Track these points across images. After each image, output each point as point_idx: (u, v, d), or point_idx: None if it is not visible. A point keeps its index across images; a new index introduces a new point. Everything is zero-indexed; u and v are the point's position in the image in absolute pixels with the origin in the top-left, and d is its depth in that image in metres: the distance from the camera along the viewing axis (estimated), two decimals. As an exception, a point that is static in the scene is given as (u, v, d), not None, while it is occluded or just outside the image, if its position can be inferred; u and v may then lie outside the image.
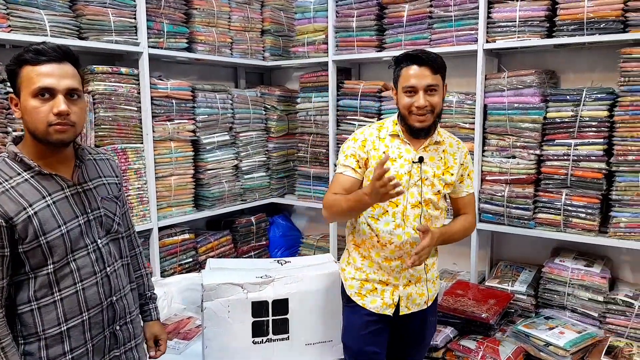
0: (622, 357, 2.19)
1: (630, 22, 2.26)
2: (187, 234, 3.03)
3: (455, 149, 1.86)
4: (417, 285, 1.87)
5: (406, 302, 1.86)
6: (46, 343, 1.31)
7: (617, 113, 2.30)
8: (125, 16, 2.63)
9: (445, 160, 1.83)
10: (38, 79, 1.25)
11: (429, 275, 1.90)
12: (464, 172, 1.88)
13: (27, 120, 1.28)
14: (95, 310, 1.37)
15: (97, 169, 1.46)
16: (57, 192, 1.32)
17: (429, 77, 1.71)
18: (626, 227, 2.33)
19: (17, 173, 1.28)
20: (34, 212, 1.26)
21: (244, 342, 1.98)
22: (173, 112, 2.88)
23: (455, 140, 1.90)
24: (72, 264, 1.32)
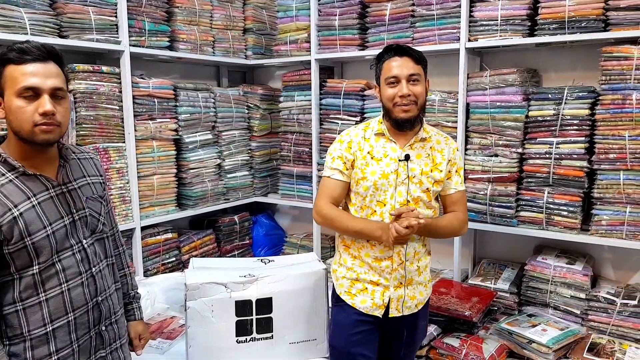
0: (605, 354, 2.22)
1: (611, 21, 2.29)
2: (170, 233, 3.00)
3: (444, 145, 1.84)
4: (409, 288, 1.84)
5: (396, 304, 1.83)
6: (32, 344, 1.30)
7: (599, 111, 2.33)
8: (106, 14, 2.60)
9: (433, 157, 1.81)
10: (23, 78, 1.23)
11: (420, 278, 1.86)
12: (452, 169, 1.84)
13: (12, 120, 1.26)
14: (81, 311, 1.36)
15: (81, 168, 1.45)
16: (42, 192, 1.30)
17: (411, 67, 1.72)
18: (608, 225, 2.35)
19: (1, 174, 1.27)
20: (19, 213, 1.25)
21: (228, 341, 1.96)
22: (155, 111, 2.85)
23: (443, 137, 1.87)
24: (58, 264, 1.31)
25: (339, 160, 1.83)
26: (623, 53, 2.25)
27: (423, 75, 1.76)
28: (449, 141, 1.87)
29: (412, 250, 1.81)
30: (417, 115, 1.76)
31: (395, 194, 1.77)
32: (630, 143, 2.26)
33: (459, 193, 1.87)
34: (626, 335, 2.35)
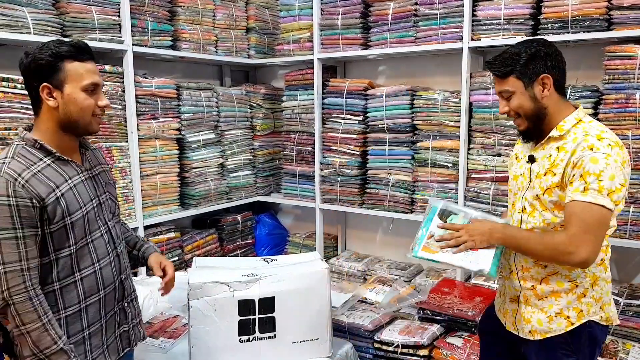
0: (608, 354, 2.21)
1: (615, 20, 2.28)
2: (172, 232, 3.00)
3: (576, 145, 1.46)
4: (527, 308, 1.61)
5: (511, 318, 1.67)
6: (67, 320, 1.40)
7: (602, 111, 2.32)
8: (108, 14, 2.60)
9: (555, 158, 1.51)
10: (88, 75, 1.39)
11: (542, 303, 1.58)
12: (575, 172, 1.44)
13: (72, 111, 1.39)
14: (109, 288, 1.49)
15: (97, 157, 1.59)
16: (75, 176, 1.43)
17: (498, 84, 1.59)
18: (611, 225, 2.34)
19: (39, 158, 1.37)
20: (61, 193, 1.36)
21: (231, 340, 1.96)
22: (158, 111, 2.85)
23: (583, 133, 1.49)
24: (90, 245, 1.44)
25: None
26: (626, 52, 2.24)
27: (519, 85, 1.54)
28: (585, 137, 1.47)
29: (520, 262, 1.61)
30: (530, 126, 1.57)
31: (521, 197, 1.62)
32: (633, 142, 2.25)
33: (575, 205, 1.43)
34: (629, 335, 2.34)
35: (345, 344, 2.36)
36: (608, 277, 1.60)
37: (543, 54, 1.54)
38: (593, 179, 1.41)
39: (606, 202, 1.40)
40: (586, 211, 1.41)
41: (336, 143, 3.13)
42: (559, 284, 1.56)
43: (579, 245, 1.41)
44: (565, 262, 1.47)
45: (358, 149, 3.05)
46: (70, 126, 1.40)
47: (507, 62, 1.55)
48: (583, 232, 1.41)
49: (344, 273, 3.20)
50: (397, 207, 2.95)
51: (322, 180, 3.22)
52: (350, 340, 2.46)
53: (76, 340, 1.42)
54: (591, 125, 1.52)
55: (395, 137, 2.92)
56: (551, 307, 1.57)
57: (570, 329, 1.55)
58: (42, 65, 1.36)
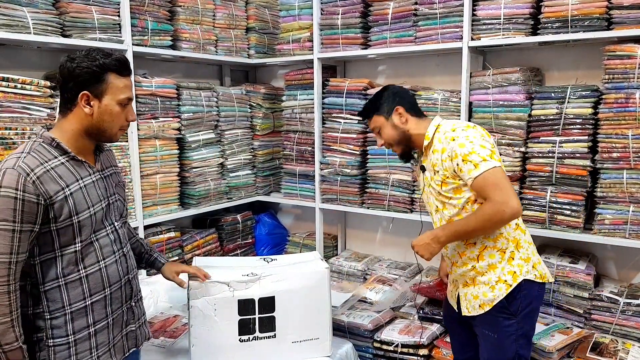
0: (608, 354, 2.21)
1: (614, 20, 2.28)
2: (172, 232, 3.00)
3: (443, 143, 1.78)
4: (474, 287, 1.84)
5: (465, 302, 1.88)
6: (72, 317, 1.43)
7: (602, 110, 2.32)
8: (108, 14, 2.60)
9: (433, 159, 1.83)
10: (126, 90, 1.47)
11: (484, 278, 1.80)
12: (457, 161, 1.72)
13: (105, 121, 1.46)
14: (115, 287, 1.53)
15: (109, 159, 1.64)
16: (87, 176, 1.47)
17: (370, 125, 1.98)
18: (610, 224, 2.35)
19: (54, 156, 1.41)
20: (70, 192, 1.40)
21: (231, 340, 1.97)
22: (158, 110, 2.85)
23: (442, 133, 1.81)
24: (96, 243, 1.47)
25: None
26: (626, 52, 2.24)
27: (381, 121, 1.92)
28: (444, 136, 1.79)
29: (454, 250, 1.88)
30: (403, 150, 1.94)
31: (432, 202, 1.91)
32: (633, 142, 2.25)
33: (477, 180, 1.68)
34: (629, 334, 2.34)
35: (345, 343, 2.36)
36: (528, 239, 1.86)
37: (390, 93, 1.94)
38: (473, 156, 1.68)
39: (494, 163, 1.68)
40: (488, 178, 1.67)
41: (336, 143, 3.13)
42: (491, 256, 1.79)
43: (503, 201, 1.64)
44: (504, 220, 1.68)
45: (358, 149, 3.06)
46: (96, 133, 1.47)
47: (368, 107, 1.97)
48: (498, 191, 1.65)
49: (344, 273, 3.20)
50: (397, 206, 2.95)
51: (322, 179, 3.22)
52: (350, 339, 2.46)
53: (82, 336, 1.45)
54: (446, 124, 1.84)
55: (395, 137, 2.92)
56: (490, 279, 1.79)
57: (509, 293, 1.76)
58: (86, 74, 1.42)
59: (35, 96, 2.29)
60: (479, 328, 1.87)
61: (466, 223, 1.73)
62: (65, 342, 1.42)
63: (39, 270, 1.41)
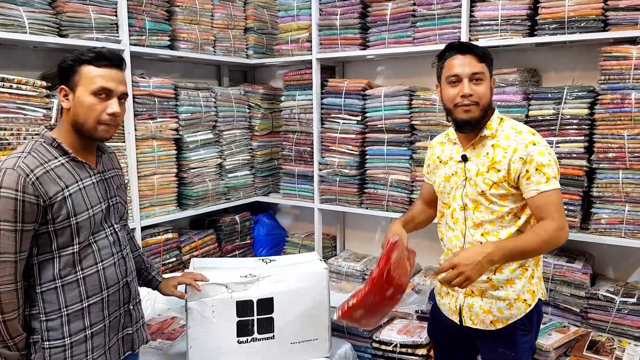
0: (604, 352, 2.23)
1: (611, 21, 2.29)
2: (170, 233, 3.00)
3: (512, 142, 1.61)
4: (483, 300, 1.68)
5: (469, 313, 1.72)
6: (68, 319, 1.42)
7: (598, 111, 2.33)
8: (106, 13, 2.59)
9: (493, 155, 1.63)
10: (99, 79, 1.41)
11: (499, 293, 1.66)
12: (529, 167, 1.57)
13: (79, 114, 1.42)
14: (113, 289, 1.51)
15: (111, 160, 1.63)
16: (87, 178, 1.47)
17: (474, 65, 1.61)
18: (607, 224, 2.36)
19: (54, 157, 1.41)
20: (69, 193, 1.40)
21: (229, 341, 1.96)
22: (155, 111, 2.84)
23: (515, 132, 1.64)
24: (94, 244, 1.47)
25: (425, 167, 1.93)
26: (622, 53, 2.25)
27: (487, 74, 1.64)
28: (521, 135, 1.62)
29: None
30: (480, 116, 1.63)
31: (457, 197, 1.71)
32: (629, 142, 2.26)
33: (544, 195, 1.55)
34: (625, 332, 2.36)
35: (344, 344, 2.37)
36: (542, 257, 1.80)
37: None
38: (548, 169, 1.57)
39: (559, 185, 1.60)
40: (555, 197, 1.57)
41: (335, 143, 3.14)
42: (511, 271, 1.66)
43: (564, 226, 1.57)
44: (558, 244, 1.60)
45: (356, 149, 3.06)
46: (78, 129, 1.43)
47: (484, 49, 1.67)
48: (561, 214, 1.58)
49: (343, 273, 3.21)
50: (395, 207, 2.96)
51: (321, 180, 3.23)
52: (349, 340, 2.47)
53: (78, 339, 1.44)
54: (512, 122, 1.69)
55: (394, 137, 2.93)
56: (508, 295, 1.66)
57: (528, 311, 1.67)
58: (63, 68, 1.43)
59: (31, 96, 2.28)
60: (491, 345, 1.73)
61: (526, 242, 1.54)
62: (61, 344, 1.42)
63: (36, 271, 1.41)
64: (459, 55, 1.63)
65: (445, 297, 1.81)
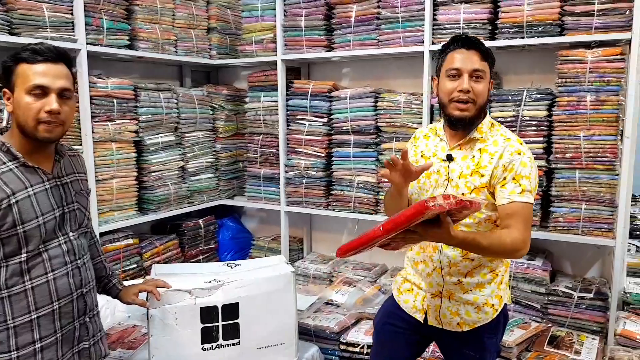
0: (564, 346, 2.29)
1: (567, 26, 2.37)
2: (130, 239, 2.90)
3: (500, 148, 1.58)
4: (451, 302, 1.66)
5: (434, 313, 1.70)
6: (15, 331, 1.35)
7: (555, 113, 2.40)
8: (61, 11, 2.50)
9: (479, 159, 1.59)
10: (34, 77, 1.34)
11: (467, 296, 1.64)
12: (507, 175, 1.54)
13: (19, 115, 1.35)
14: (65, 300, 1.43)
15: (72, 164, 1.54)
16: (38, 184, 1.39)
17: (476, 62, 1.56)
18: (565, 222, 2.43)
19: (2, 162, 1.35)
20: (16, 200, 1.33)
21: (193, 349, 1.92)
22: (114, 112, 2.76)
23: (504, 138, 1.61)
24: (44, 253, 1.39)
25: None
26: (578, 56, 2.33)
27: (488, 73, 1.60)
28: (509, 142, 1.59)
29: (447, 258, 1.63)
30: (474, 116, 1.59)
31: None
32: (584, 143, 2.34)
33: (515, 205, 1.52)
34: (583, 327, 2.44)
35: (311, 347, 2.36)
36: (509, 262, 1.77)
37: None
38: (525, 182, 1.53)
39: (533, 200, 1.55)
40: (525, 210, 1.53)
41: (301, 145, 3.12)
42: (482, 275, 1.65)
43: (525, 241, 1.52)
44: (514, 257, 1.59)
45: (323, 151, 3.05)
46: (23, 131, 1.36)
47: (489, 49, 1.61)
48: (526, 229, 1.54)
49: (310, 275, 3.19)
50: (362, 208, 2.96)
51: (287, 182, 3.20)
52: (316, 343, 2.45)
53: (26, 353, 1.37)
54: (502, 129, 1.65)
55: (360, 139, 2.93)
56: (477, 299, 1.65)
57: (496, 316, 1.67)
58: (4, 69, 1.38)
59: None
60: (455, 346, 1.73)
61: (485, 239, 1.49)
62: (6, 358, 1.34)
63: None
64: (463, 49, 1.58)
65: (406, 293, 1.79)
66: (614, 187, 2.33)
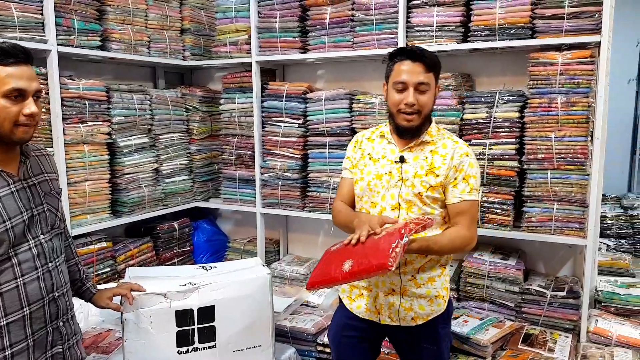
0: (538, 344, 2.33)
1: (538, 29, 2.42)
2: (104, 242, 2.85)
3: (449, 150, 1.71)
4: (404, 298, 1.74)
5: (388, 311, 1.76)
6: None
7: (527, 114, 2.44)
8: (30, 11, 2.44)
9: (432, 160, 1.71)
10: (10, 80, 1.29)
11: (420, 291, 1.74)
12: (458, 175, 1.69)
13: None
14: (36, 305, 1.39)
15: (40, 165, 1.50)
16: (3, 187, 1.35)
17: (421, 74, 1.65)
18: (537, 222, 2.48)
19: None
20: None
21: (169, 352, 1.89)
22: (86, 114, 2.71)
23: (452, 141, 1.75)
24: (14, 258, 1.35)
25: (347, 161, 1.89)
26: (548, 59, 2.38)
27: (433, 84, 1.70)
28: (458, 145, 1.73)
29: (404, 258, 1.70)
30: (420, 124, 1.70)
31: (387, 196, 1.72)
32: (556, 144, 2.39)
33: (465, 203, 1.68)
34: (556, 325, 2.49)
35: (288, 348, 2.35)
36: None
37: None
38: (473, 181, 1.70)
39: (479, 197, 1.73)
40: (474, 208, 1.71)
41: (276, 146, 3.11)
42: (433, 270, 1.77)
43: (474, 236, 1.71)
44: (465, 251, 1.74)
45: (298, 152, 3.05)
46: None
47: (434, 58, 1.69)
48: (474, 225, 1.71)
49: (287, 277, 3.18)
50: (337, 209, 2.97)
51: (263, 184, 3.19)
52: (293, 344, 2.45)
53: None
54: (448, 133, 1.80)
55: (335, 140, 2.94)
56: (430, 292, 1.75)
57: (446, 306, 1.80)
58: None
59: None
60: (409, 341, 1.80)
61: (440, 241, 1.65)
62: None
63: None
64: (409, 61, 1.66)
65: (358, 299, 1.83)
66: (584, 187, 2.38)
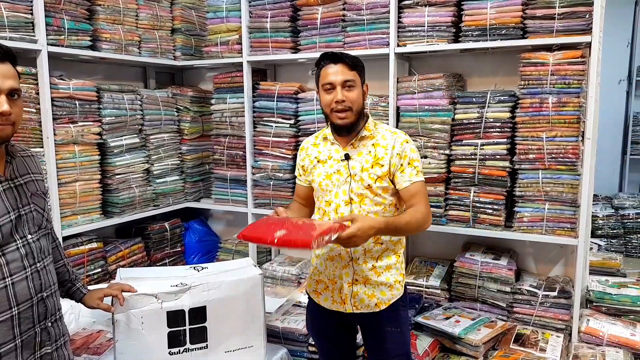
0: (529, 344, 2.34)
1: (529, 29, 2.43)
2: (94, 242, 2.83)
3: (390, 140, 1.84)
4: (367, 286, 1.85)
5: (352, 300, 1.86)
6: None
7: (518, 114, 2.46)
8: (20, 11, 2.43)
9: (375, 153, 1.83)
10: None
11: (380, 278, 1.85)
12: (403, 161, 1.81)
13: None
14: (25, 305, 1.39)
15: (25, 165, 1.50)
16: None
17: (345, 73, 1.78)
18: (529, 222, 2.49)
19: None
20: None
21: (160, 353, 1.88)
22: (76, 114, 2.69)
23: (390, 132, 1.88)
24: (1, 258, 1.34)
25: (299, 169, 2.00)
26: (540, 59, 2.39)
27: (359, 81, 1.82)
28: (397, 135, 1.86)
29: (362, 247, 1.79)
30: (355, 120, 1.81)
31: (340, 193, 1.83)
32: (547, 144, 2.40)
33: (416, 185, 1.81)
34: (548, 324, 2.50)
35: (280, 349, 2.34)
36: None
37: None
38: (417, 164, 1.83)
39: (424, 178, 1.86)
40: (424, 187, 1.84)
41: (268, 146, 3.10)
42: (388, 257, 1.87)
43: (430, 212, 1.83)
44: (425, 228, 1.82)
45: (290, 153, 3.04)
46: None
47: (354, 59, 1.82)
48: (428, 203, 1.84)
49: (278, 277, 3.17)
50: (329, 210, 2.96)
51: (254, 184, 3.18)
52: (285, 345, 2.43)
53: None
54: (385, 125, 1.94)
55: (326, 141, 2.93)
56: (389, 279, 1.86)
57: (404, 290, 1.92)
58: None
59: None
60: (374, 326, 1.90)
61: (405, 221, 1.74)
62: None
63: None
64: (331, 64, 1.80)
65: (324, 292, 1.93)
66: (576, 187, 2.39)
